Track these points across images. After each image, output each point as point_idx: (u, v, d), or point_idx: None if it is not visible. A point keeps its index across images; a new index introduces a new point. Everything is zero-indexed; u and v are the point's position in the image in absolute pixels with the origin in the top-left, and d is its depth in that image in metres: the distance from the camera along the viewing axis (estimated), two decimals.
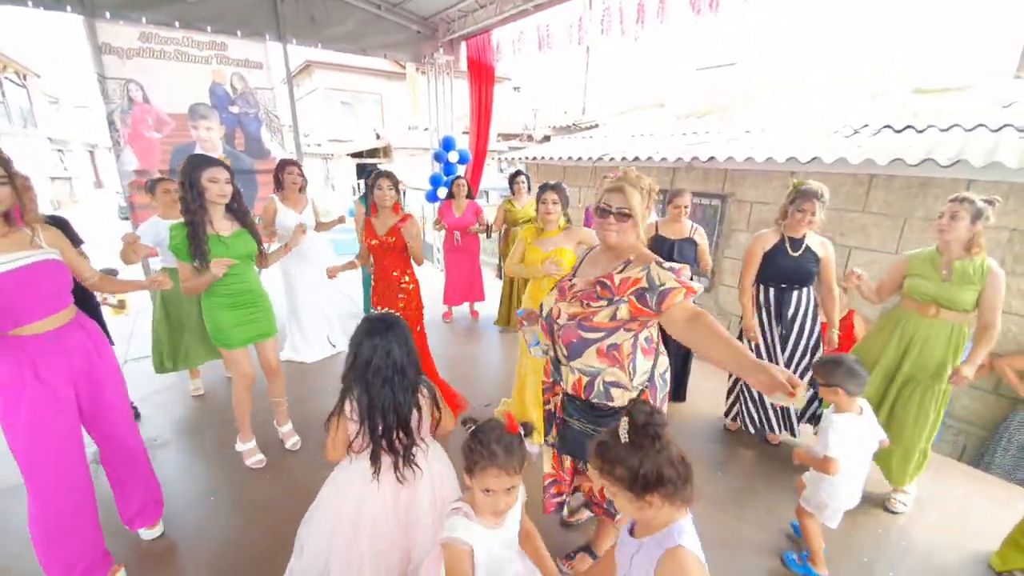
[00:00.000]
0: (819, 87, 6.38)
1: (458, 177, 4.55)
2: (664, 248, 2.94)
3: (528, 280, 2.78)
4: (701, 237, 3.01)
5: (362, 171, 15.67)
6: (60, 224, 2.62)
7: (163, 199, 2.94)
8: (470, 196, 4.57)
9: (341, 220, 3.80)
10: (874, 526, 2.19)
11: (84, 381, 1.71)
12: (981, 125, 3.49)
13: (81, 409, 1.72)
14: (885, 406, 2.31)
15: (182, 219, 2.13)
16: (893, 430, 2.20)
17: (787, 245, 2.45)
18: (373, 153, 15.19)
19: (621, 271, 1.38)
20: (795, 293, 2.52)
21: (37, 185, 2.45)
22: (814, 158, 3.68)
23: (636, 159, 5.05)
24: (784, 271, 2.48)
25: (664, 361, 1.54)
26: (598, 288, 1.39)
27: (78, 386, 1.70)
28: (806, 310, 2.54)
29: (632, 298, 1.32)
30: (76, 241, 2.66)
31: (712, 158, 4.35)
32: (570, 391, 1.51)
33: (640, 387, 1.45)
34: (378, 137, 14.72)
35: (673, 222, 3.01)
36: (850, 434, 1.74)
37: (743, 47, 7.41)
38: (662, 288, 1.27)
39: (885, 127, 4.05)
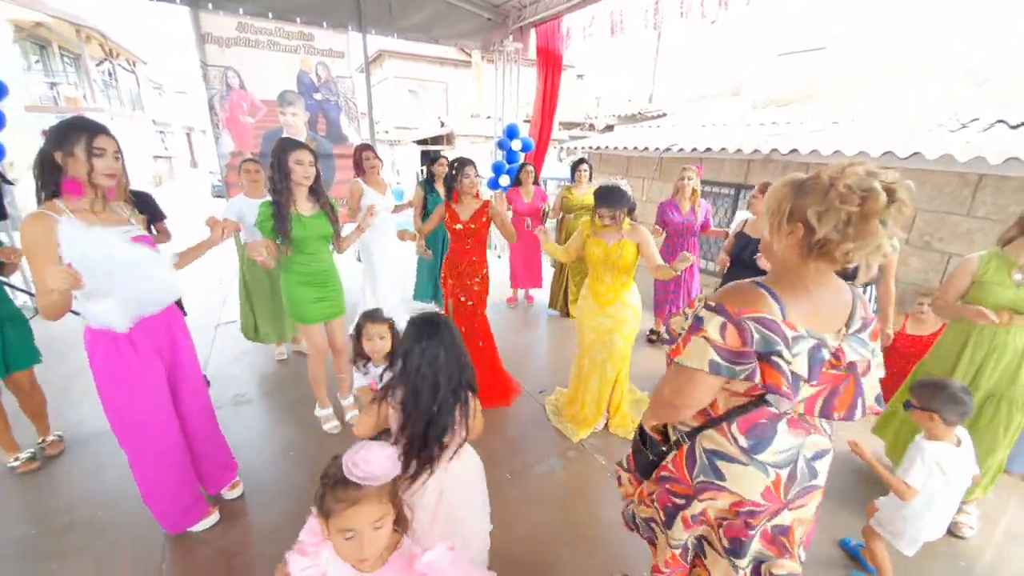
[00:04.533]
0: (920, 75, 5.74)
1: (525, 164, 4.56)
2: (749, 248, 2.76)
3: (583, 272, 2.75)
4: None
5: (425, 157, 16.10)
6: (143, 198, 2.72)
7: (246, 179, 3.14)
8: (536, 182, 4.60)
9: (411, 204, 3.99)
10: (941, 551, 2.02)
11: (166, 349, 1.83)
12: None
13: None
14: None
15: (269, 198, 2.27)
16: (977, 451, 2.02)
17: None
18: (437, 140, 15.56)
19: None
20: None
21: (142, 163, 2.71)
22: (914, 153, 3.35)
23: (708, 150, 4.84)
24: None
25: None
26: None
27: (162, 353, 1.81)
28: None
29: None
30: (159, 216, 2.85)
31: (794, 150, 4.07)
32: None
33: None
34: (442, 125, 15.03)
35: (757, 221, 2.86)
36: (940, 465, 1.59)
37: (834, 29, 6.79)
38: None
39: (999, 121, 3.59)
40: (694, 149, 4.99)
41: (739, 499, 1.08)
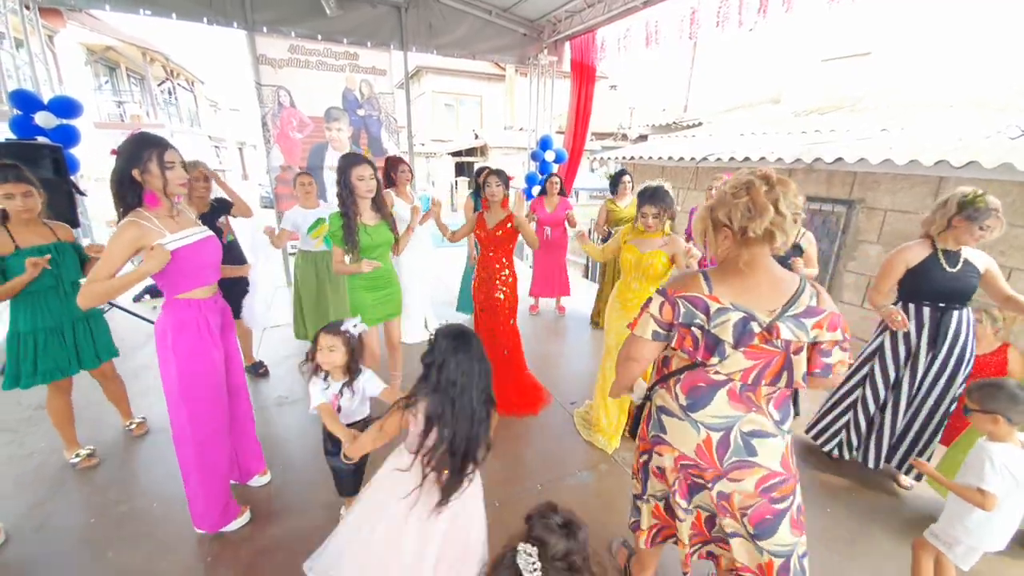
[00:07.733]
0: (974, 80, 5.44)
1: (552, 175, 4.63)
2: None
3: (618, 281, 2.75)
4: (808, 242, 2.74)
5: (460, 169, 16.46)
6: (225, 206, 3.13)
7: (301, 191, 3.37)
8: (562, 193, 4.64)
9: (429, 216, 4.12)
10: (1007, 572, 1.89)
11: (222, 340, 1.96)
12: None
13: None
14: None
15: (321, 209, 2.47)
16: None
17: (942, 259, 2.16)
18: (471, 152, 15.87)
19: None
20: (955, 313, 2.21)
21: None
22: (971, 162, 3.18)
23: (746, 159, 4.74)
24: (943, 288, 2.18)
25: None
26: None
27: (223, 333, 1.96)
28: (967, 333, 2.23)
29: None
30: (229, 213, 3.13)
31: (839, 159, 3.94)
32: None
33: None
34: (476, 137, 15.33)
35: None
36: (1008, 468, 1.53)
37: (880, 34, 6.54)
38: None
39: None
40: (732, 158, 4.89)
41: (679, 452, 1.31)
